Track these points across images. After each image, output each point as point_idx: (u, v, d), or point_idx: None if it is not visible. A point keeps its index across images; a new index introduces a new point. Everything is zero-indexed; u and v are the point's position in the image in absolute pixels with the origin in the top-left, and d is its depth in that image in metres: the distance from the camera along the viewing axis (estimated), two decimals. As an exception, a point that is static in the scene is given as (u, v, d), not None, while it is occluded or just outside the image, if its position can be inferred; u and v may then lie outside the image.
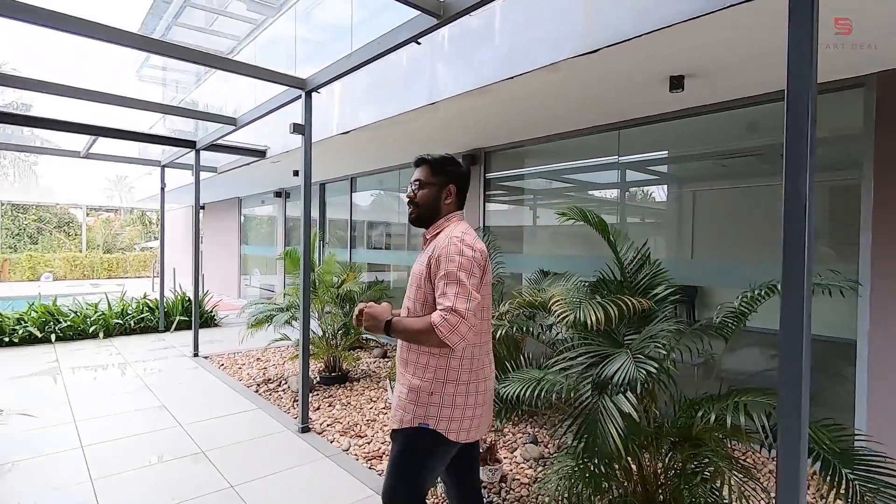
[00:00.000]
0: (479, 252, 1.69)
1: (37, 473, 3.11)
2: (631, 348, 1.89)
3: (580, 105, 3.96)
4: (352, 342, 5.44)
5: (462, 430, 1.71)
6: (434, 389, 1.69)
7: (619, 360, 1.80)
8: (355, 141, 5.54)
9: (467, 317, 1.57)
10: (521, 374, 2.34)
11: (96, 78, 36.97)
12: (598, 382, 1.80)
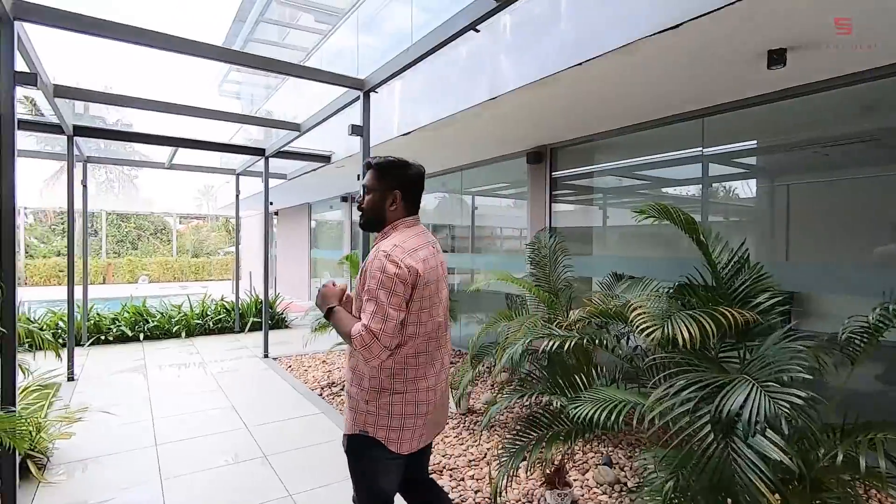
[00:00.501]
0: (405, 268, 1.62)
1: (111, 471, 3.24)
2: (749, 373, 1.56)
3: (658, 91, 3.58)
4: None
5: (404, 441, 1.68)
6: (370, 398, 1.68)
7: (742, 391, 1.47)
8: (416, 142, 5.44)
9: (381, 337, 1.54)
10: (595, 392, 2.07)
11: (184, 95, 40.39)
12: (721, 420, 1.47)
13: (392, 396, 1.66)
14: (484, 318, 6.92)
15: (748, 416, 1.42)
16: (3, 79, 2.51)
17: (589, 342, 2.28)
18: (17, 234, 5.06)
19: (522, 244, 6.56)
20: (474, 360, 3.91)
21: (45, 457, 3.24)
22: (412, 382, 1.69)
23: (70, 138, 5.17)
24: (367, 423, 1.68)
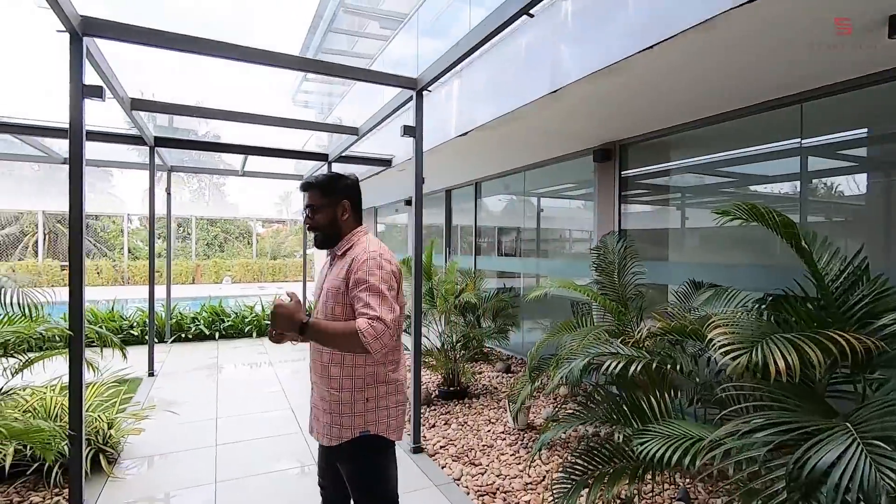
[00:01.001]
0: (395, 267, 1.78)
1: (172, 469, 3.34)
2: (855, 421, 1.22)
3: (746, 75, 3.13)
4: (472, 354, 5.15)
5: (399, 429, 1.82)
6: (369, 395, 1.74)
7: (837, 445, 1.14)
8: (475, 143, 5.25)
9: (391, 326, 1.60)
10: (666, 425, 1.76)
11: (263, 106, 43.46)
12: (800, 479, 1.15)
13: (388, 386, 1.77)
14: (548, 325, 6.58)
15: (837, 480, 1.09)
16: (73, 92, 2.64)
17: (661, 364, 1.96)
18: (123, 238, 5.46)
19: (585, 247, 6.16)
20: (534, 372, 3.64)
21: (115, 452, 3.40)
22: (399, 369, 1.83)
23: (152, 149, 5.53)
24: (367, 421, 1.73)
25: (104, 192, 28.39)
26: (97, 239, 25.27)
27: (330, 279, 1.80)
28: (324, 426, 1.77)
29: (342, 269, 1.76)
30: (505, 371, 5.84)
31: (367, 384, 1.73)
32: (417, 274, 3.60)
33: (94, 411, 3.45)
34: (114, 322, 7.35)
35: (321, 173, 1.94)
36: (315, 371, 1.81)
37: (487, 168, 7.03)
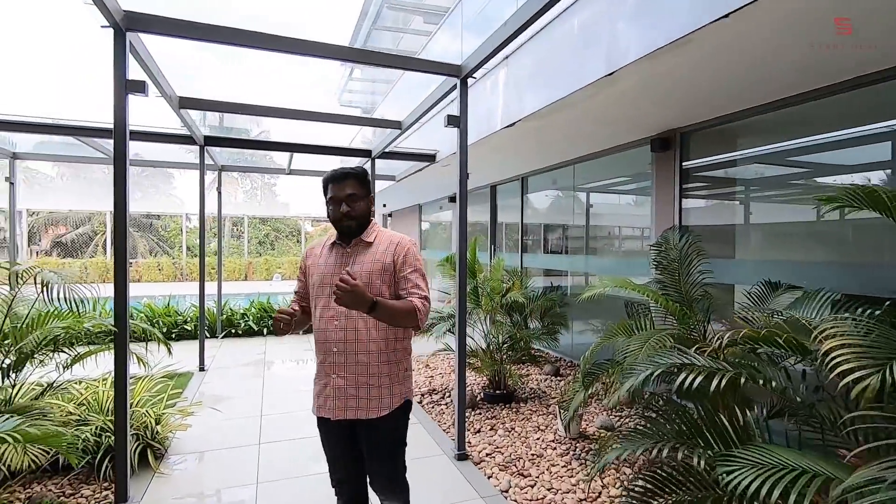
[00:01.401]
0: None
1: (217, 467, 3.32)
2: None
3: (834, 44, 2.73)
4: (519, 356, 4.91)
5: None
6: (407, 365, 1.98)
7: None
8: (522, 135, 5.01)
9: (430, 305, 1.89)
10: (757, 451, 1.48)
11: (309, 106, 44.45)
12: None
13: (409, 356, 2.02)
14: (599, 326, 6.23)
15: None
16: (117, 87, 2.62)
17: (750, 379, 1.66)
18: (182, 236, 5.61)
19: (643, 245, 5.77)
20: (587, 378, 3.38)
21: (163, 447, 3.42)
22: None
23: (202, 148, 5.63)
24: (406, 389, 1.97)
25: (166, 193, 29.94)
26: (159, 238, 26.72)
27: (367, 263, 1.89)
28: (370, 400, 1.87)
29: (382, 254, 1.90)
30: (553, 374, 5.56)
31: (404, 357, 1.97)
32: (462, 272, 3.42)
33: (143, 406, 3.49)
34: (169, 317, 7.62)
35: (351, 166, 2.01)
36: (350, 356, 1.87)
37: (534, 162, 6.74)
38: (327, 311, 1.89)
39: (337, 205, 1.92)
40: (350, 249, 1.95)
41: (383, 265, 1.88)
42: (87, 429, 3.17)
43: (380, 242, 1.94)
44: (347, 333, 1.87)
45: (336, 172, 1.93)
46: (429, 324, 4.69)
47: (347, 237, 1.95)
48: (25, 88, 33.84)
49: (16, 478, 3.00)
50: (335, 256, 1.96)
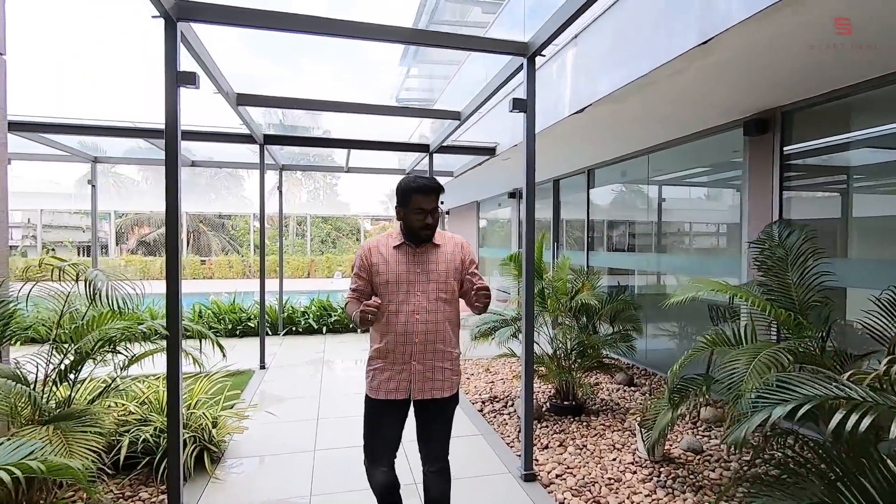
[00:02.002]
0: None
1: (271, 473, 3.19)
2: None
3: None
4: (590, 363, 4.48)
5: None
6: (459, 350, 2.25)
7: None
8: (592, 122, 4.57)
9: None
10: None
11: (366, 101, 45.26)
12: None
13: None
14: (676, 331, 5.66)
15: None
16: (168, 79, 2.52)
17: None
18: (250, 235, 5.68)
19: (723, 242, 5.15)
20: (675, 395, 2.94)
21: (219, 451, 3.34)
22: None
23: (261, 146, 5.63)
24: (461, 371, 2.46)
25: (237, 195, 31.54)
26: (230, 237, 28.19)
27: (441, 262, 2.14)
28: (445, 381, 2.15)
29: (451, 253, 2.17)
30: (627, 383, 5.08)
31: (458, 346, 2.23)
32: (529, 271, 3.08)
33: (201, 408, 3.43)
34: (234, 314, 7.80)
35: (433, 178, 2.14)
36: (430, 345, 2.10)
37: (603, 152, 6.23)
38: (408, 307, 2.09)
39: (422, 215, 2.07)
40: (420, 250, 2.15)
41: (455, 265, 2.17)
42: (147, 429, 3.15)
43: (445, 244, 2.19)
44: (428, 326, 2.10)
45: (424, 185, 2.08)
46: (490, 327, 4.38)
47: (419, 241, 2.14)
48: (99, 94, 36.56)
49: (81, 475, 3.02)
50: (406, 256, 2.14)
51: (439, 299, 2.11)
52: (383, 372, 2.11)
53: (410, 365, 2.10)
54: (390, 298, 2.09)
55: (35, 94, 35.74)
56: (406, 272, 2.11)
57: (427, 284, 2.10)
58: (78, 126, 5.30)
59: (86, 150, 6.97)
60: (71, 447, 1.96)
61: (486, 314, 4.64)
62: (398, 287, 2.10)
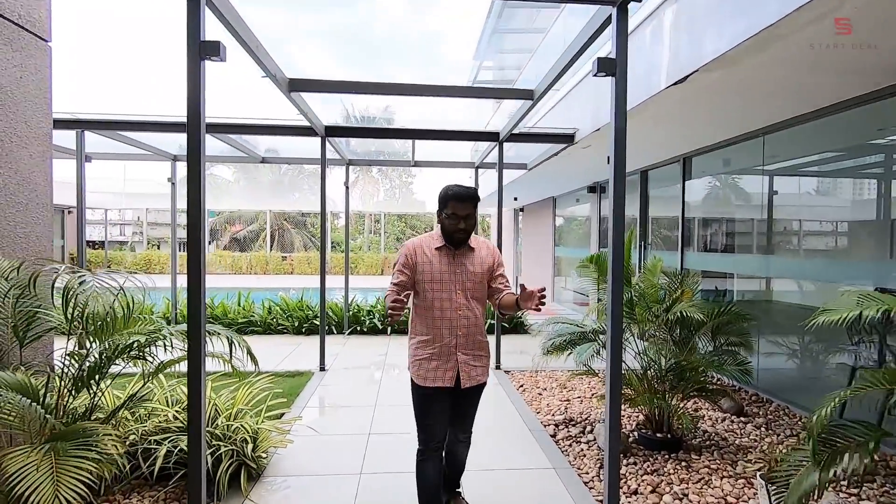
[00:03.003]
0: None
1: (311, 499, 2.82)
2: None
3: None
4: (690, 388, 3.69)
5: None
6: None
7: None
8: (692, 96, 3.78)
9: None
10: None
11: (435, 103, 44.64)
12: None
13: None
14: (793, 347, 4.65)
15: None
16: (190, 51, 2.20)
17: None
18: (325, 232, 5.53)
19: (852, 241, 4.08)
20: (823, 447, 2.17)
21: (258, 468, 3.04)
22: None
23: (323, 139, 5.39)
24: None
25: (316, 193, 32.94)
26: (310, 234, 29.37)
27: (475, 266, 2.38)
28: (481, 368, 2.42)
29: (484, 257, 2.42)
30: (737, 413, 4.20)
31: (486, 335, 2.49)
32: (616, 276, 2.44)
33: (242, 418, 3.16)
34: (301, 311, 7.75)
35: (471, 187, 2.35)
36: (471, 337, 2.36)
37: (703, 135, 5.30)
38: (451, 304, 2.33)
39: (456, 221, 2.31)
40: (458, 252, 2.39)
41: (489, 266, 2.43)
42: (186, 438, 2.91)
43: (479, 247, 2.44)
44: (470, 320, 2.36)
45: (459, 193, 2.31)
46: (566, 340, 3.75)
47: (455, 245, 2.37)
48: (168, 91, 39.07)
49: (121, 483, 2.84)
50: (446, 258, 2.37)
51: (475, 297, 2.39)
52: (430, 361, 2.33)
53: (457, 356, 2.34)
54: (435, 295, 2.32)
55: (113, 92, 39.29)
56: (449, 272, 2.35)
57: (466, 283, 2.36)
58: (150, 123, 5.37)
59: (165, 148, 7.20)
60: (59, 475, 1.67)
61: (560, 325, 4.01)
62: (442, 285, 2.33)
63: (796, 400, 4.44)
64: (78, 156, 5.66)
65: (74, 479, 1.69)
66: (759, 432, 3.83)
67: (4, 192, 2.59)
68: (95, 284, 1.95)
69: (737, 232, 5.65)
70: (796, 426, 3.96)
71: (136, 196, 23.01)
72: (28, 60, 2.72)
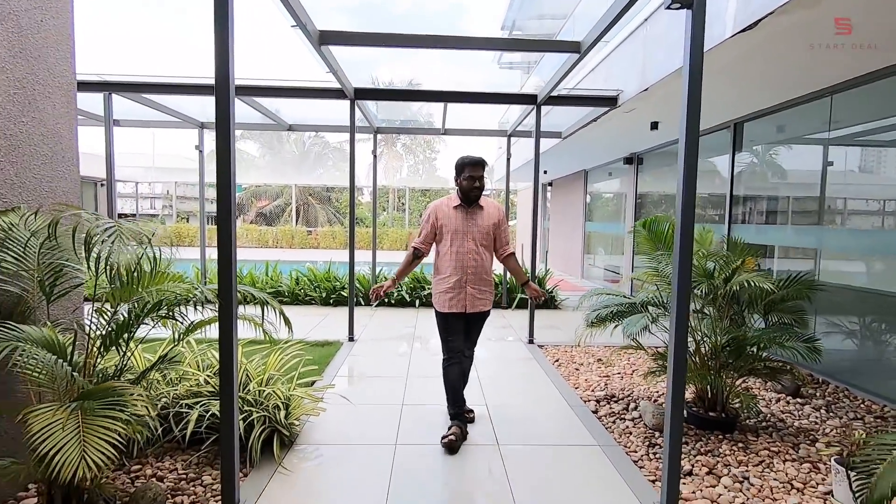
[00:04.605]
0: None
1: (344, 469, 2.70)
2: None
3: None
4: (749, 365, 3.42)
5: None
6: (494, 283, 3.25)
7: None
8: (760, 46, 3.42)
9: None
10: None
11: (465, 75, 42.92)
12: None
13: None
14: (853, 326, 4.31)
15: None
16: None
17: None
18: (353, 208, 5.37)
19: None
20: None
21: (290, 435, 2.93)
22: None
23: (352, 102, 5.17)
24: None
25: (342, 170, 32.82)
26: (335, 209, 29.42)
27: (483, 220, 3.12)
28: (484, 300, 3.15)
29: (490, 215, 3.15)
30: (792, 393, 3.92)
31: (492, 276, 3.23)
32: (684, 242, 2.18)
33: (274, 384, 3.05)
34: (328, 282, 7.67)
35: (480, 156, 3.10)
36: (478, 276, 3.08)
37: (760, 96, 4.88)
38: (465, 249, 3.06)
39: (472, 182, 3.04)
40: (471, 210, 3.11)
41: (494, 222, 3.15)
42: (218, 403, 2.82)
43: (487, 207, 3.15)
44: (477, 263, 3.08)
45: (473, 159, 3.07)
46: (613, 311, 3.50)
47: (470, 202, 3.10)
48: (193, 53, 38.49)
49: (153, 445, 2.78)
50: (462, 214, 3.09)
51: (483, 245, 3.09)
52: (447, 294, 3.07)
53: (466, 289, 3.06)
54: (452, 242, 3.07)
55: (135, 56, 39.15)
56: (463, 225, 3.08)
57: (476, 234, 3.07)
58: (177, 85, 5.23)
59: (193, 115, 7.09)
60: (86, 435, 1.56)
61: (605, 297, 3.77)
62: (458, 235, 3.07)
63: (857, 382, 4.13)
64: (106, 120, 5.59)
65: (102, 440, 1.57)
66: (818, 415, 3.56)
67: (28, 142, 2.47)
68: (121, 231, 1.80)
69: (794, 207, 5.25)
70: (859, 409, 3.67)
71: (165, 170, 23.33)
72: (48, 2, 2.56)
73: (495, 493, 2.51)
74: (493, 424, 3.32)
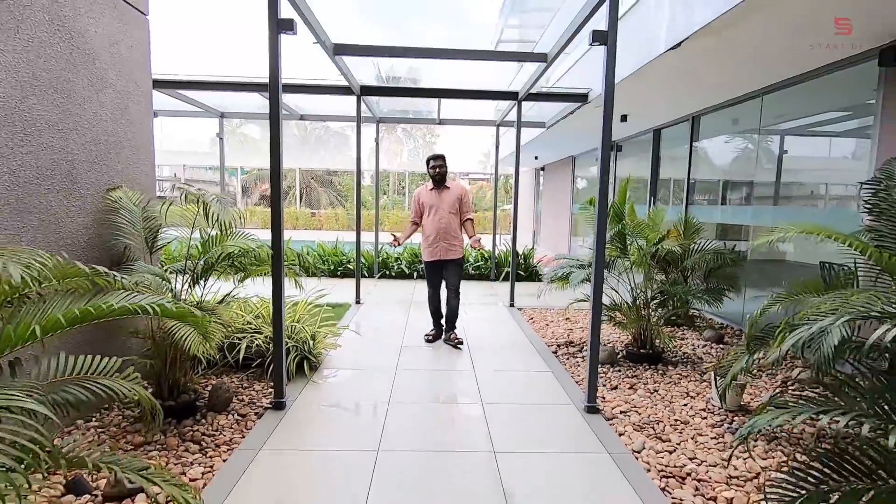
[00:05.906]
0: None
1: (357, 384, 3.63)
2: None
3: None
4: (670, 315, 4.34)
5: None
6: (462, 239, 4.73)
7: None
8: (689, 60, 4.24)
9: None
10: None
11: (461, 67, 43.61)
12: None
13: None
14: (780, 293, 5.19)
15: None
16: (270, 26, 2.84)
17: None
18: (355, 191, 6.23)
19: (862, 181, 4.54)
20: (754, 342, 2.82)
21: (317, 361, 3.87)
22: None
23: (358, 98, 6.00)
24: (461, 246, 4.71)
25: (344, 154, 33.47)
26: (337, 192, 30.19)
27: (449, 196, 4.60)
28: (454, 251, 4.60)
29: (453, 192, 4.61)
30: (715, 341, 4.85)
31: (459, 235, 4.66)
32: (601, 209, 3.06)
33: (302, 324, 3.97)
34: (336, 257, 8.57)
35: (440, 153, 4.72)
36: (448, 233, 4.56)
37: (708, 95, 5.71)
38: (436, 217, 4.57)
39: (434, 170, 4.59)
40: (440, 190, 4.61)
41: (456, 197, 4.60)
42: (260, 336, 3.75)
43: (453, 188, 4.62)
44: (447, 225, 4.56)
45: (434, 154, 4.70)
46: (567, 272, 4.42)
47: (438, 185, 4.62)
48: (220, 52, 39.29)
49: (212, 367, 3.70)
50: (434, 193, 4.63)
51: (451, 213, 4.56)
52: (428, 248, 4.64)
53: (439, 244, 4.57)
54: (430, 212, 4.59)
55: (166, 52, 39.63)
56: (436, 201, 4.59)
57: (444, 206, 4.56)
58: (204, 82, 6.05)
59: (214, 106, 7.91)
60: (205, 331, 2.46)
61: (564, 259, 4.68)
62: (433, 209, 4.59)
63: (766, 334, 5.04)
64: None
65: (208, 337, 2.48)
66: (731, 353, 4.48)
67: (126, 136, 3.33)
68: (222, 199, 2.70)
69: (744, 188, 6.08)
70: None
71: (172, 153, 24.04)
72: (135, 32, 3.40)
73: (469, 392, 3.44)
74: (472, 359, 4.24)
